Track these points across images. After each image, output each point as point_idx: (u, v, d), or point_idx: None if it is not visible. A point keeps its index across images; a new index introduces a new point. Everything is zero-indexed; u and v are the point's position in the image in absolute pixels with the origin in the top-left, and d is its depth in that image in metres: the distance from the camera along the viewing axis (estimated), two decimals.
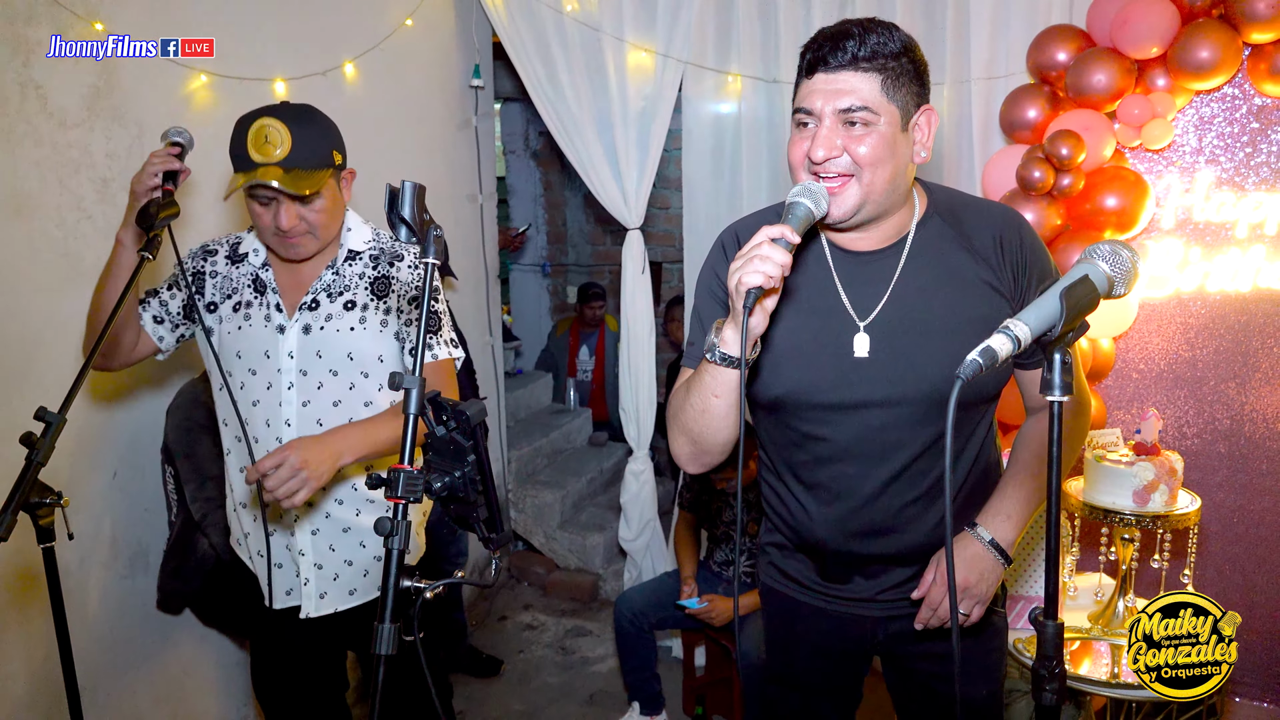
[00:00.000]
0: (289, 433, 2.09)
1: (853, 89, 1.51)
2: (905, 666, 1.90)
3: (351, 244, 2.14)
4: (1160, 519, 2.48)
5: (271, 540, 2.17)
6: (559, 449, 5.59)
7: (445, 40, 4.11)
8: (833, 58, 1.52)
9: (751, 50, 3.69)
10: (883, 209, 1.61)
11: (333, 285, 2.11)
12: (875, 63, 1.51)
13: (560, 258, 7.11)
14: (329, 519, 2.14)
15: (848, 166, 1.54)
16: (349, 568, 2.18)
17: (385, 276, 2.12)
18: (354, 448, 1.95)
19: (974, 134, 3.37)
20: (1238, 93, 2.88)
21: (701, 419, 1.60)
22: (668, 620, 3.50)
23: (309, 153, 1.98)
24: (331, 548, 2.16)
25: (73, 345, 2.38)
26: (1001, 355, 1.12)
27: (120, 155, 2.57)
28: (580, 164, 3.96)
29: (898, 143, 1.56)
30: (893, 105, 1.54)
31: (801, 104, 1.57)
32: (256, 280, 2.15)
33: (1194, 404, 3.05)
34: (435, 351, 2.14)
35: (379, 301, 2.10)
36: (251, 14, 2.98)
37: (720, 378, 1.54)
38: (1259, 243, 2.89)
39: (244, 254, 2.18)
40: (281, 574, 2.19)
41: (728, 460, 1.70)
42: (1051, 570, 1.18)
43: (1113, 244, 1.21)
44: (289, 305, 2.12)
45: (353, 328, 2.09)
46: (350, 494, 2.15)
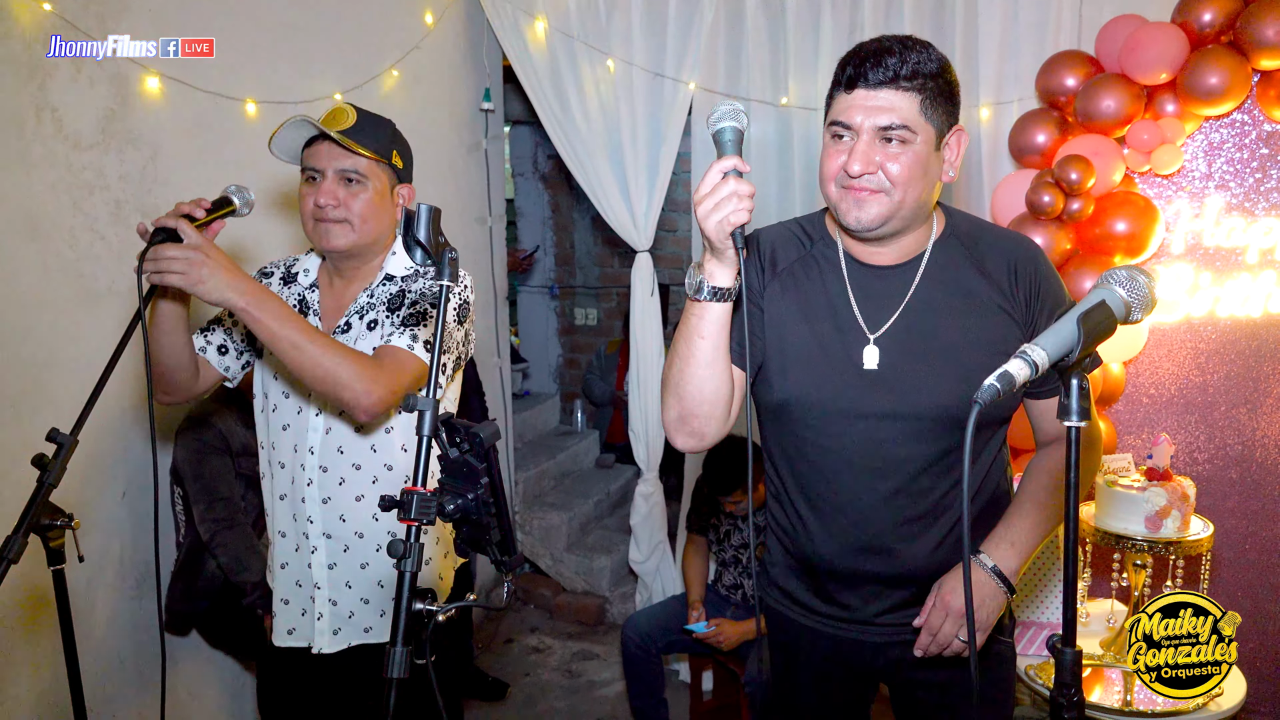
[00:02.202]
0: (311, 460, 2.04)
1: (893, 107, 1.53)
2: (909, 695, 1.88)
3: (391, 268, 2.09)
4: (1173, 545, 2.47)
5: (284, 574, 2.11)
6: (566, 471, 5.58)
7: (456, 64, 4.14)
8: (874, 74, 1.53)
9: (761, 74, 3.72)
10: (907, 224, 1.63)
11: (365, 308, 2.07)
12: (915, 82, 1.53)
13: (568, 280, 7.12)
14: (347, 552, 2.07)
15: (881, 183, 1.56)
16: (365, 605, 2.09)
17: (402, 292, 2.06)
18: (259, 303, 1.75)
19: (983, 158, 3.38)
20: (1247, 119, 2.88)
21: (688, 368, 1.60)
22: (675, 644, 3.48)
23: (370, 137, 1.99)
24: (348, 584, 2.09)
25: (85, 366, 2.38)
26: (1019, 380, 1.12)
27: (133, 177, 2.59)
28: (589, 187, 3.97)
29: (930, 162, 1.58)
30: (929, 125, 1.56)
31: (840, 118, 1.58)
32: (302, 301, 2.11)
33: (1205, 429, 3.03)
34: (392, 339, 1.96)
35: (392, 316, 2.04)
36: (266, 39, 3.01)
37: (707, 315, 1.55)
38: (1269, 268, 2.88)
39: (296, 274, 2.15)
40: (287, 610, 2.12)
41: (737, 481, 1.69)
42: (1069, 597, 1.17)
43: (1129, 269, 1.21)
44: (326, 329, 2.08)
45: (375, 348, 2.01)
46: (371, 526, 2.07)
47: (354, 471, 2.05)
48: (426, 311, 2.01)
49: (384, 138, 2.03)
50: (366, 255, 2.08)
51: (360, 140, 1.96)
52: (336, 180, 1.98)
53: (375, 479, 2.05)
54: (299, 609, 2.11)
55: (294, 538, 2.09)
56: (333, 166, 1.98)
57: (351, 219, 1.99)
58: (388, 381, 1.88)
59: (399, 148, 2.07)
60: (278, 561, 2.12)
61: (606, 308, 7.04)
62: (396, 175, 2.07)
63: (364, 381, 1.83)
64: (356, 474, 2.05)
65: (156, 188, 2.66)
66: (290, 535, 2.10)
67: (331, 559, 2.08)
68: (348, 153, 1.97)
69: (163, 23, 2.64)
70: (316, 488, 2.04)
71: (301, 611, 2.10)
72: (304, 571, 2.09)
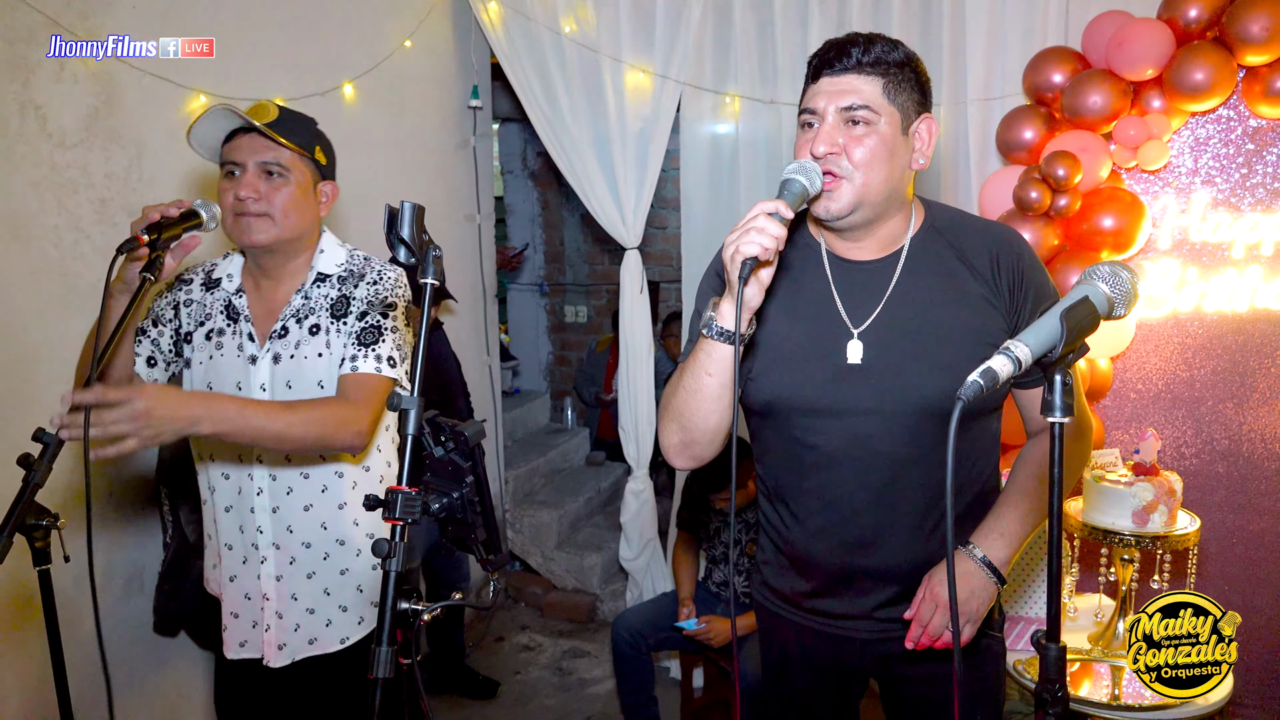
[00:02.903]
0: (259, 469, 2.00)
1: (855, 89, 1.58)
2: (899, 691, 1.89)
3: (322, 266, 2.04)
4: (1160, 539, 2.48)
5: (232, 587, 2.07)
6: (556, 468, 5.58)
7: (444, 61, 4.13)
8: (838, 62, 1.60)
9: (749, 71, 3.71)
10: (879, 212, 1.64)
11: (301, 310, 2.01)
12: (878, 67, 1.59)
13: (558, 277, 7.12)
14: (294, 564, 2.04)
15: (844, 168, 1.59)
16: (310, 615, 2.06)
17: (345, 297, 2.01)
18: (217, 417, 1.71)
19: (971, 155, 3.39)
20: (1233, 114, 2.89)
21: (693, 400, 1.62)
22: (666, 641, 3.48)
23: (293, 131, 1.96)
24: (294, 596, 2.05)
25: (70, 366, 2.37)
26: (1002, 376, 1.12)
27: (119, 175, 2.58)
28: (578, 184, 3.97)
29: (897, 145, 1.61)
30: (893, 107, 1.60)
31: (806, 104, 1.64)
32: (229, 306, 2.05)
33: (1192, 424, 3.04)
34: (357, 364, 1.94)
35: (337, 323, 2.00)
36: (251, 35, 3.00)
37: (715, 354, 1.57)
38: (1255, 263, 2.89)
39: (218, 279, 2.08)
40: (238, 624, 2.08)
41: (727, 479, 1.70)
42: (1054, 592, 1.17)
43: (1112, 265, 1.22)
44: (260, 334, 2.02)
45: (320, 354, 1.99)
46: (319, 534, 2.04)
47: (302, 480, 2.02)
48: (380, 325, 1.98)
49: (306, 133, 2.00)
50: (290, 252, 2.03)
51: (282, 133, 1.93)
52: (258, 173, 1.93)
53: (324, 487, 2.03)
54: (249, 621, 2.08)
55: (242, 549, 2.06)
56: (254, 159, 1.93)
57: (273, 213, 1.94)
58: (366, 415, 1.88)
59: (322, 144, 2.04)
60: (226, 574, 2.08)
61: (597, 305, 7.04)
62: (319, 172, 2.03)
63: (346, 429, 1.85)
64: (305, 483, 2.02)
65: (142, 186, 2.64)
66: (238, 547, 2.06)
67: (279, 570, 2.04)
68: (270, 145, 1.93)
69: (149, 20, 2.63)
70: (267, 496, 2.02)
71: (252, 624, 2.07)
72: (253, 583, 2.05)
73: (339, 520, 2.05)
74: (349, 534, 2.06)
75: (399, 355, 1.99)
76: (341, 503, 2.05)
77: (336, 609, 2.08)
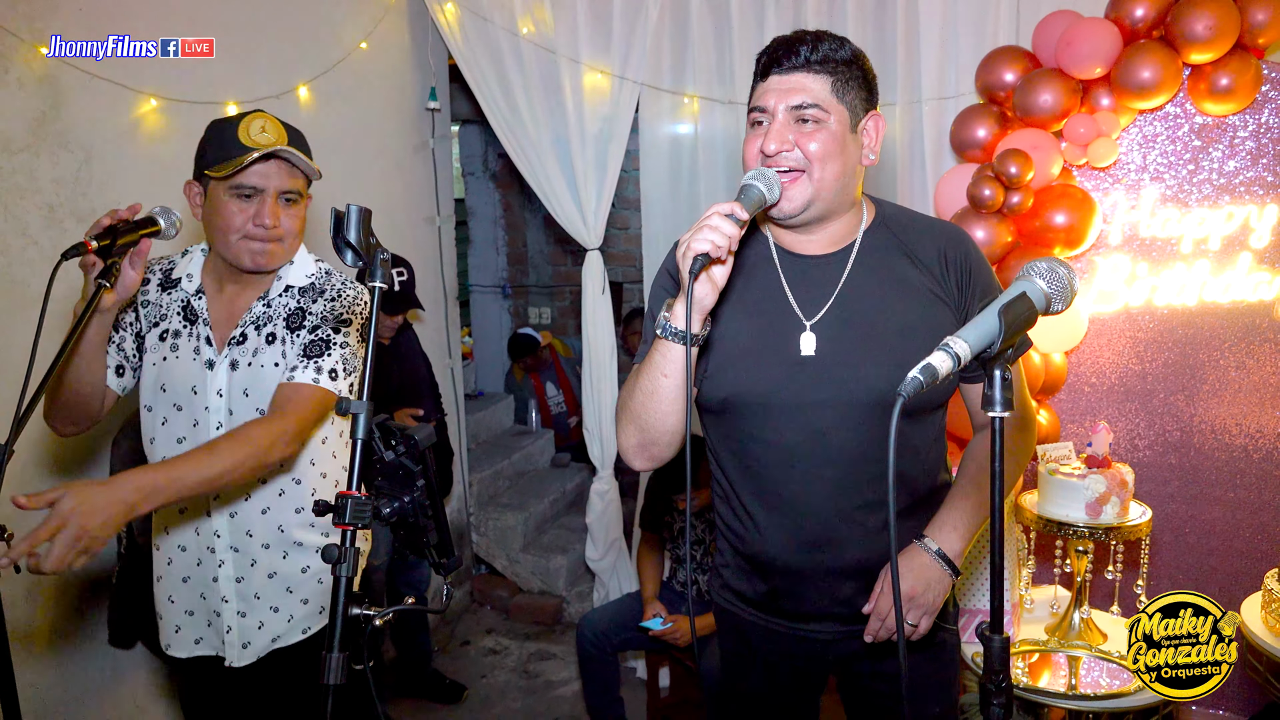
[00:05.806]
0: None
1: (804, 88, 1.61)
2: (858, 686, 1.90)
3: (290, 278, 2.02)
4: (1113, 530, 2.52)
5: (186, 587, 2.05)
6: (521, 471, 5.56)
7: (400, 63, 4.11)
8: (786, 60, 1.62)
9: (707, 72, 3.73)
10: (831, 208, 1.66)
11: (261, 317, 1.99)
12: (826, 66, 1.62)
13: (521, 279, 7.10)
14: (254, 566, 2.02)
15: (798, 161, 1.61)
16: (274, 614, 2.05)
17: (302, 309, 1.99)
18: (152, 494, 1.65)
19: (925, 153, 3.42)
20: (1180, 111, 2.94)
21: (650, 401, 1.62)
22: (631, 641, 3.48)
23: (305, 150, 1.95)
24: (257, 595, 2.03)
25: (18, 374, 2.33)
26: (942, 373, 1.14)
27: (67, 181, 2.54)
28: (538, 186, 3.96)
29: (847, 142, 1.63)
30: (842, 106, 1.62)
31: (756, 103, 1.66)
32: (187, 308, 2.01)
33: (1145, 416, 3.10)
34: (295, 374, 1.91)
35: (292, 335, 1.97)
36: (202, 36, 2.96)
37: (670, 354, 1.58)
38: (1203, 258, 2.95)
39: (177, 279, 2.04)
40: (192, 621, 2.06)
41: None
42: (996, 585, 1.18)
43: (1050, 261, 1.24)
44: (219, 339, 1.99)
45: (277, 363, 1.96)
46: (276, 537, 2.03)
47: (259, 485, 2.00)
48: (329, 339, 1.97)
49: (308, 150, 1.99)
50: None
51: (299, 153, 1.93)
52: (278, 200, 1.93)
53: (281, 492, 2.02)
54: (204, 620, 2.06)
55: (196, 551, 2.03)
56: (275, 186, 1.92)
57: (287, 239, 1.96)
58: (293, 428, 1.86)
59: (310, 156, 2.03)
60: (179, 575, 2.05)
61: (560, 306, 7.03)
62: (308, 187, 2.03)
63: (276, 447, 1.82)
64: (262, 488, 2.01)
65: (92, 191, 2.60)
66: (192, 549, 2.04)
67: (239, 572, 2.02)
68: (292, 172, 1.93)
69: (96, 21, 2.59)
70: (223, 501, 2.00)
71: (207, 623, 2.06)
72: (209, 585, 2.04)
73: (296, 523, 2.04)
74: (306, 536, 2.05)
75: (343, 369, 1.97)
76: (299, 506, 2.04)
77: (298, 603, 2.07)
